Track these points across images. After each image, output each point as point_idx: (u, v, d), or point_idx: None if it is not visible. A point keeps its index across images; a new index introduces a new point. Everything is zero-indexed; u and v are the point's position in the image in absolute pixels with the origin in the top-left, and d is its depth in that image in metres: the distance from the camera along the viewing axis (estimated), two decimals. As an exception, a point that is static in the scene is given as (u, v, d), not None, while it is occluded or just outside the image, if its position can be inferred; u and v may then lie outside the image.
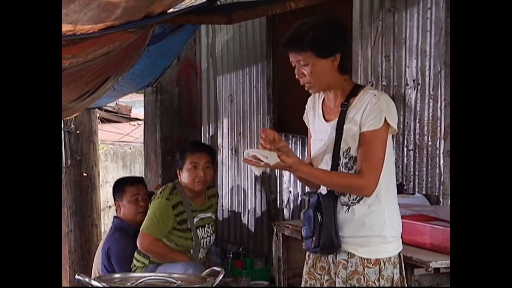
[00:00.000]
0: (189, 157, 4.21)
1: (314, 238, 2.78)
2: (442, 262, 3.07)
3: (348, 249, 2.77)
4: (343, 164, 2.76)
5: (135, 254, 4.29)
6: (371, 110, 2.69)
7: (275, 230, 4.17)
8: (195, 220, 4.22)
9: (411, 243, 3.29)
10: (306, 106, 2.96)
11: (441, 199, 3.70)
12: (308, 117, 2.95)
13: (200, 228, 4.25)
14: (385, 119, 2.67)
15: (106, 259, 4.59)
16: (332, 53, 2.72)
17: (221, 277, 2.77)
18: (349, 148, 2.74)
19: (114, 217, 4.80)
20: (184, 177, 4.21)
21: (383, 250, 2.76)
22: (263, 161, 2.64)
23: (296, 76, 2.79)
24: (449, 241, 3.01)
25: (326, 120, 2.84)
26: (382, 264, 2.74)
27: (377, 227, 2.74)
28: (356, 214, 2.75)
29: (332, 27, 2.76)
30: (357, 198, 2.75)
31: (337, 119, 2.76)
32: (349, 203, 2.76)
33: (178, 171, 4.28)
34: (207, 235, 4.31)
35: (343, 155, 2.76)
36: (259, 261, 5.08)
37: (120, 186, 4.76)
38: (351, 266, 2.76)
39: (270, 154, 2.66)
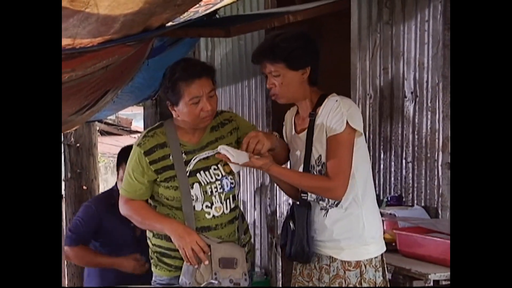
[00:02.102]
0: (187, 90, 2.92)
1: (287, 247, 2.85)
2: (441, 275, 3.06)
3: (328, 253, 2.81)
4: (316, 171, 2.81)
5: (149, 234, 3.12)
6: (333, 115, 2.75)
7: (274, 242, 4.17)
8: (193, 163, 2.98)
9: (410, 255, 3.29)
10: (284, 122, 3.04)
11: (439, 211, 3.70)
12: (286, 132, 3.01)
13: (202, 172, 2.98)
14: (347, 122, 2.72)
15: None
16: (302, 66, 2.80)
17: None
18: (320, 155, 2.79)
19: None
20: (183, 115, 2.96)
21: (363, 252, 2.79)
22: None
23: (267, 86, 2.87)
24: (448, 254, 3.03)
25: (298, 132, 2.91)
26: (363, 267, 2.77)
27: (355, 229, 2.78)
28: (333, 217, 2.80)
29: (304, 41, 2.83)
30: (335, 202, 2.79)
31: (306, 129, 2.83)
32: (327, 207, 2.81)
33: (170, 106, 3.03)
34: (216, 178, 2.99)
35: (316, 163, 2.81)
36: (258, 274, 5.08)
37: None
38: (333, 271, 2.80)
39: (239, 153, 2.75)
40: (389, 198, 3.89)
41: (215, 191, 2.98)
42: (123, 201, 3.05)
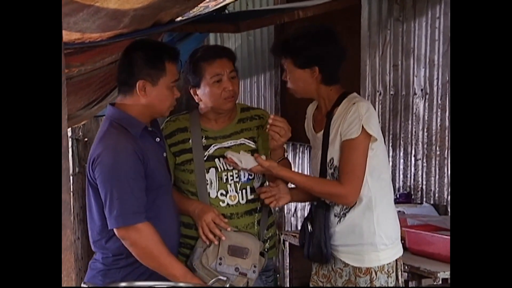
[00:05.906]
0: (208, 69, 2.92)
1: (304, 248, 2.83)
2: (450, 273, 3.05)
3: (342, 258, 2.77)
4: (329, 175, 2.75)
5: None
6: (349, 119, 2.66)
7: (282, 239, 4.16)
8: (212, 149, 2.95)
9: (419, 253, 3.28)
10: (306, 117, 2.96)
11: (448, 209, 3.69)
12: (307, 128, 2.95)
13: (221, 158, 2.94)
14: (363, 127, 2.64)
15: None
16: (308, 65, 2.72)
17: (227, 285, 2.75)
18: (332, 158, 2.73)
19: None
20: (205, 96, 2.94)
21: (374, 258, 2.72)
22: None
23: (282, 78, 2.86)
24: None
25: (316, 131, 2.85)
26: (374, 273, 2.71)
27: (366, 234, 2.72)
28: (346, 222, 2.74)
29: (316, 39, 2.73)
30: (348, 207, 2.74)
31: (323, 130, 2.77)
32: (341, 213, 2.76)
33: (192, 90, 2.99)
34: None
35: (328, 165, 2.75)
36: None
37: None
38: (346, 275, 2.76)
39: (245, 158, 2.73)
40: (398, 196, 3.87)
41: (231, 180, 2.96)
42: None
